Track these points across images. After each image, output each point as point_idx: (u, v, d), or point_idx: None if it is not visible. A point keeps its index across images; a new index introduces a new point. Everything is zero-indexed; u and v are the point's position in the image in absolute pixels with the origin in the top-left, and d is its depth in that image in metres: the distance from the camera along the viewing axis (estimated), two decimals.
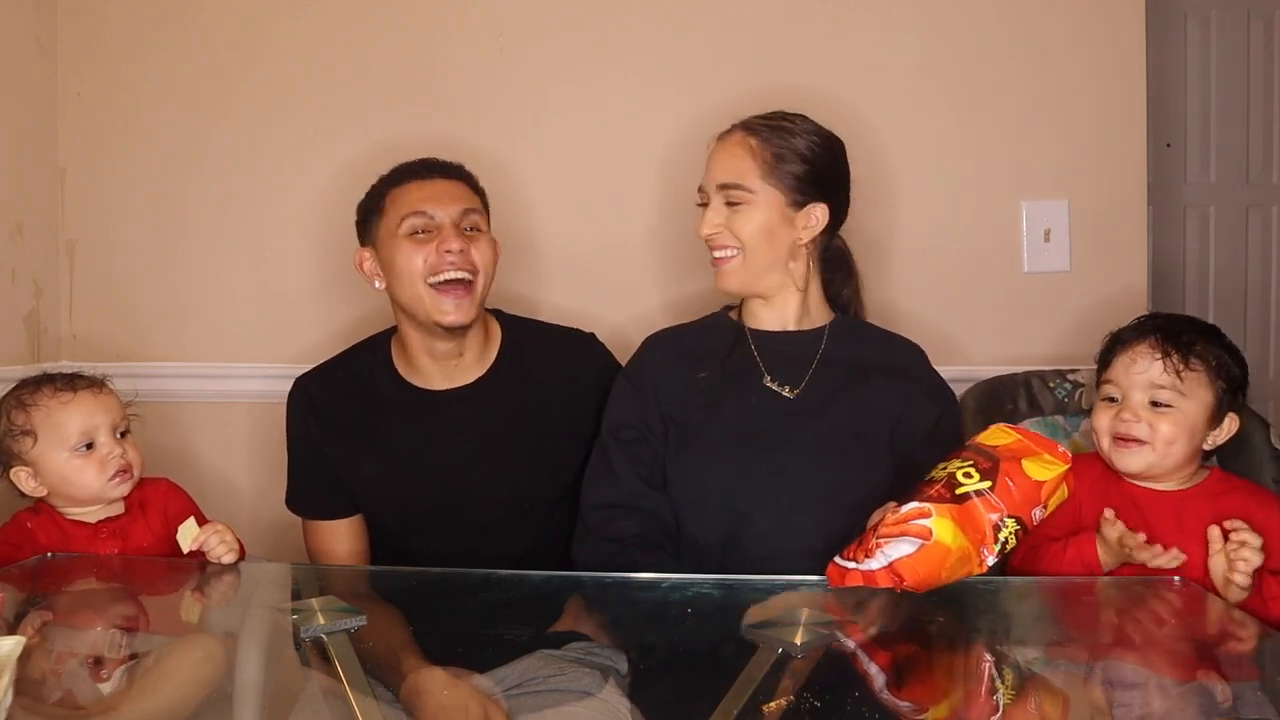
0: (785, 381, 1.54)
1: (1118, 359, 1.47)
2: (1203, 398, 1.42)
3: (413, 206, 1.58)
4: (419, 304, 1.57)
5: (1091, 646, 1.23)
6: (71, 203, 2.09)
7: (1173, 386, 1.41)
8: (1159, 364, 1.42)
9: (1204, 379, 1.42)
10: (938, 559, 1.20)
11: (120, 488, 1.50)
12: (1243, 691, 1.10)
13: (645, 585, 1.40)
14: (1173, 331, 1.45)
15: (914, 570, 1.20)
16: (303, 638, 1.18)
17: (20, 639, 0.98)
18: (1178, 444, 1.42)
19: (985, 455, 1.26)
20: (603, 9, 2.05)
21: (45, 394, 1.49)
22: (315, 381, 1.69)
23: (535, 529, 1.66)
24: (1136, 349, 1.45)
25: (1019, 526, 1.22)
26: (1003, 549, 1.22)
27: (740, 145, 1.54)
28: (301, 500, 1.71)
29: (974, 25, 2.03)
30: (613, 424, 1.59)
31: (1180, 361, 1.41)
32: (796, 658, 1.13)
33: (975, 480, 1.23)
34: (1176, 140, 3.09)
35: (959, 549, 1.20)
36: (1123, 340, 1.48)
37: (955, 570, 1.21)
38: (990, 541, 1.21)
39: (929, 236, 2.04)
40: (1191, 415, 1.42)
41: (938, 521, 1.20)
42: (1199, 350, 1.43)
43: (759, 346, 1.57)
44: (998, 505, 1.21)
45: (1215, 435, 1.44)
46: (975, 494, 1.22)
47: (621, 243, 2.06)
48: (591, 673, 1.16)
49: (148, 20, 2.06)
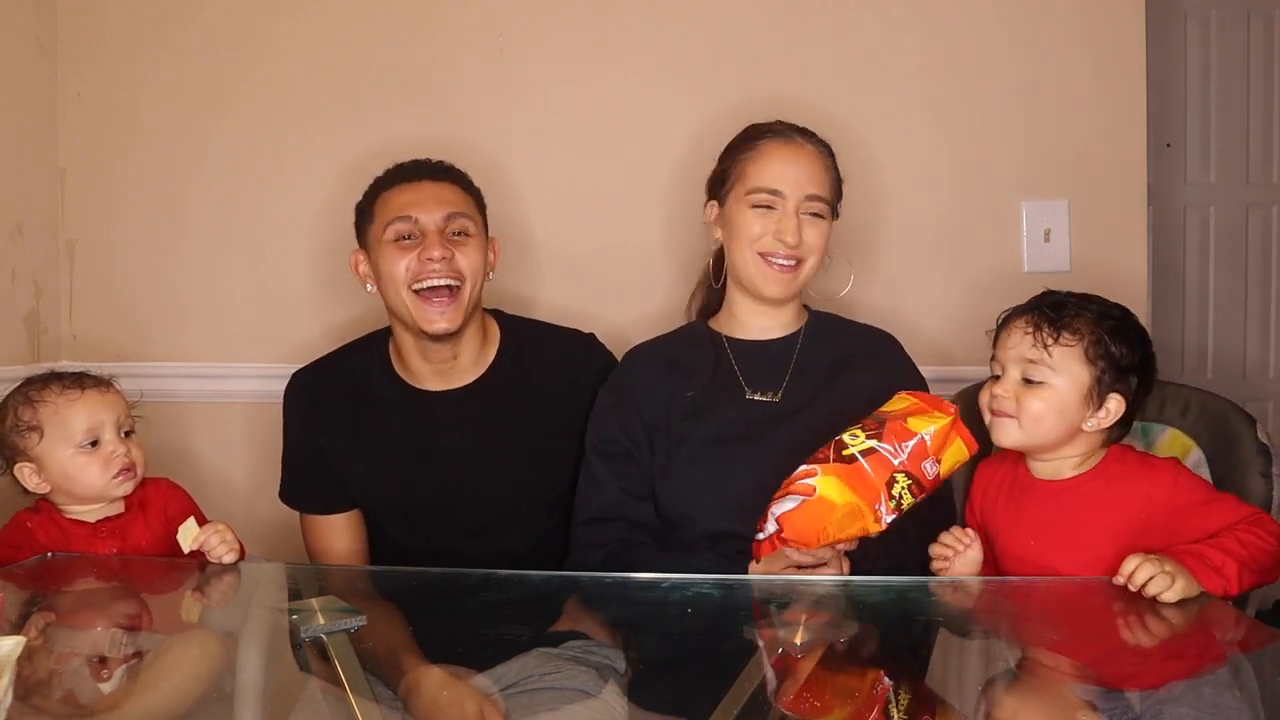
0: (766, 389, 1.56)
1: (1000, 333, 1.45)
2: (1074, 374, 1.38)
3: (397, 211, 1.57)
4: (405, 310, 1.57)
5: (1090, 647, 1.23)
6: (71, 203, 2.09)
7: (1041, 361, 1.38)
8: (1029, 338, 1.39)
9: (1076, 354, 1.38)
10: (821, 513, 1.27)
11: (123, 486, 1.50)
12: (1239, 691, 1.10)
13: (645, 585, 1.40)
14: (1052, 306, 1.40)
15: (794, 524, 1.28)
16: (303, 638, 1.18)
17: (20, 639, 0.97)
18: (1045, 421, 1.38)
19: (874, 419, 1.33)
20: (602, 9, 2.05)
21: (53, 390, 1.50)
22: (312, 375, 1.70)
23: (535, 529, 1.66)
24: (1014, 323, 1.43)
25: (910, 481, 1.28)
26: (899, 505, 1.28)
27: (819, 159, 1.57)
28: (296, 494, 1.72)
29: (973, 25, 2.03)
30: (595, 438, 1.60)
31: (1050, 335, 1.38)
32: (796, 658, 1.14)
33: (861, 440, 1.29)
34: (1176, 140, 3.09)
35: (846, 504, 1.26)
36: (1009, 315, 1.45)
37: (844, 525, 1.28)
38: (886, 498, 1.27)
39: (929, 236, 2.04)
40: (1062, 391, 1.38)
41: (822, 480, 1.27)
42: (1074, 326, 1.38)
43: (738, 356, 1.59)
44: (885, 462, 1.27)
45: (1099, 418, 1.39)
46: (861, 454, 1.27)
47: (622, 243, 2.06)
48: (589, 671, 1.16)
49: (148, 20, 2.07)
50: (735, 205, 1.56)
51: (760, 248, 1.53)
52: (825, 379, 1.56)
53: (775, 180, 1.53)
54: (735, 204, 1.56)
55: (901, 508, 1.27)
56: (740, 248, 1.55)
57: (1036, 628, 1.34)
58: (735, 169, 1.57)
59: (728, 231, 1.58)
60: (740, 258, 1.56)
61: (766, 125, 1.59)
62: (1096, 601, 1.35)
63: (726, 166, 1.59)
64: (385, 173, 1.65)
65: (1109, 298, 1.47)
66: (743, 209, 1.54)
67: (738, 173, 1.56)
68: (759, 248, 1.53)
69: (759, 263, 1.54)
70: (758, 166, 1.54)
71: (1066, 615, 1.36)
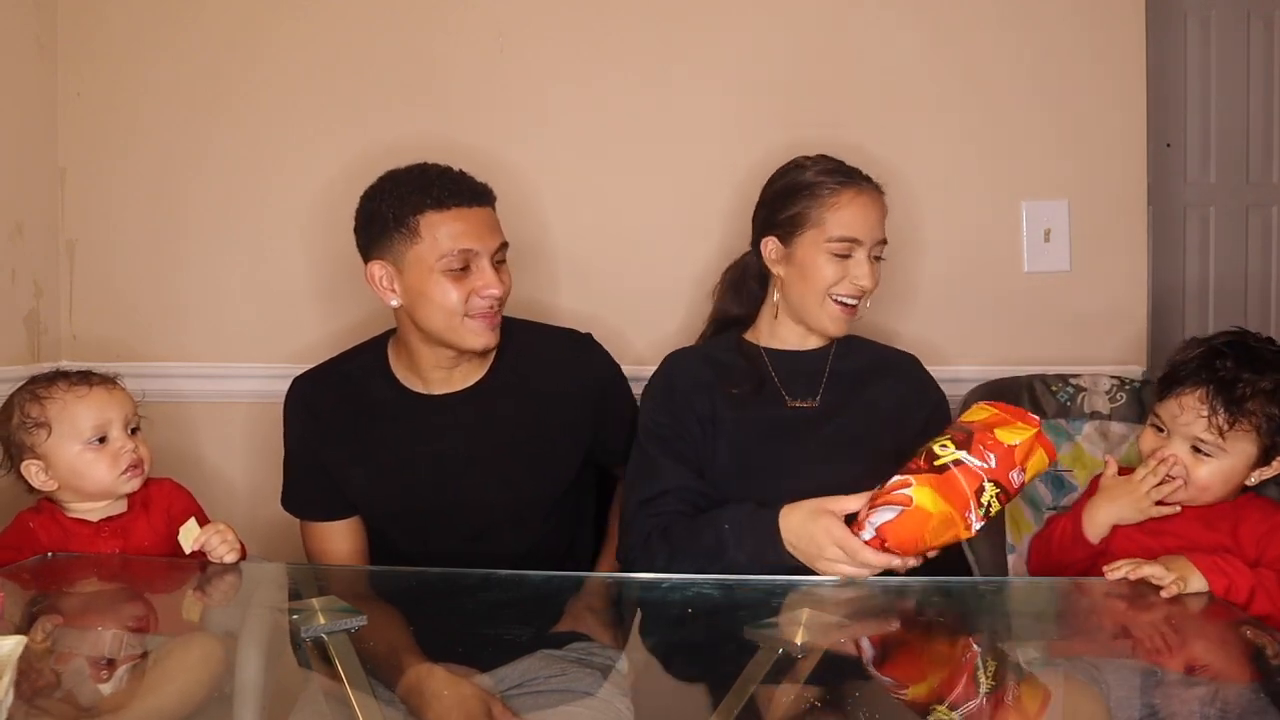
0: (805, 396, 1.61)
1: (1169, 398, 1.44)
2: (1244, 451, 1.40)
3: (455, 243, 1.52)
4: (451, 334, 1.56)
5: (1091, 647, 1.23)
6: (71, 203, 2.09)
7: (1215, 442, 1.39)
8: (1204, 420, 1.39)
9: (1250, 435, 1.39)
10: (918, 522, 1.29)
11: (131, 483, 1.51)
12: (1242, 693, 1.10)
13: (645, 585, 1.40)
14: (1227, 385, 1.39)
15: (895, 533, 1.31)
16: (303, 638, 1.18)
17: (21, 639, 0.98)
18: (1213, 489, 1.41)
19: (961, 429, 1.35)
20: (603, 9, 2.05)
21: (60, 388, 1.50)
22: (311, 382, 1.69)
23: (533, 533, 1.66)
24: (1185, 398, 1.41)
25: (999, 489, 1.30)
26: (987, 512, 1.30)
27: (883, 204, 1.61)
28: (296, 501, 1.71)
29: (974, 25, 2.03)
30: (647, 424, 1.62)
31: (1226, 421, 1.38)
32: (797, 658, 1.14)
33: (952, 451, 1.32)
34: (1176, 140, 3.09)
35: (940, 513, 1.29)
36: (1178, 380, 1.44)
37: (939, 533, 1.31)
38: (975, 505, 1.29)
39: (929, 236, 2.04)
40: (1229, 466, 1.40)
41: (918, 490, 1.30)
42: (1248, 409, 1.38)
43: (775, 367, 1.64)
44: (976, 471, 1.30)
45: (1261, 473, 1.42)
46: (953, 464, 1.31)
47: (622, 242, 2.06)
48: (592, 673, 1.16)
49: (148, 20, 2.07)
50: (810, 249, 1.59)
51: (836, 293, 1.58)
52: (856, 387, 1.62)
53: (856, 231, 1.57)
54: (810, 248, 1.59)
55: (990, 515, 1.30)
56: (811, 290, 1.59)
57: (1037, 627, 1.34)
58: (811, 215, 1.59)
59: (794, 271, 1.61)
60: (809, 299, 1.60)
61: (836, 168, 1.61)
62: (1099, 601, 1.36)
63: (799, 211, 1.60)
64: (420, 184, 1.55)
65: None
66: (818, 254, 1.58)
67: (815, 219, 1.58)
68: (835, 293, 1.58)
69: (829, 304, 1.59)
70: (838, 216, 1.57)
71: (1066, 616, 1.36)
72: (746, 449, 1.57)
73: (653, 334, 2.02)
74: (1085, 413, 1.74)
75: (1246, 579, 1.32)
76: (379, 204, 1.56)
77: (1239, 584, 1.31)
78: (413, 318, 1.58)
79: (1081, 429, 1.73)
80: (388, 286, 1.57)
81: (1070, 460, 1.73)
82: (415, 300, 1.55)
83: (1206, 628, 1.28)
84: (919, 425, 1.56)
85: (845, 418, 1.58)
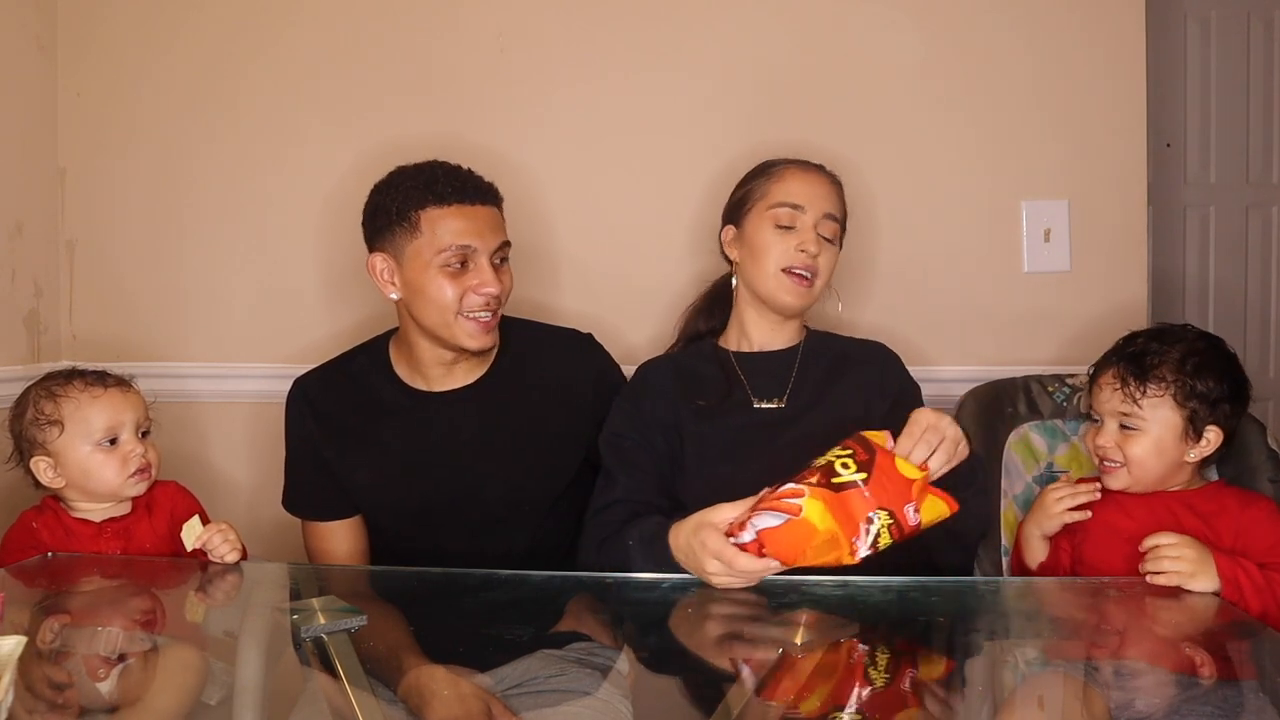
0: (772, 397, 1.61)
1: (1092, 387, 1.54)
2: (1167, 419, 1.46)
3: (454, 239, 1.52)
4: (445, 330, 1.56)
5: (1089, 647, 1.23)
6: (71, 203, 2.09)
7: (1133, 413, 1.46)
8: (1118, 393, 1.48)
9: (1165, 402, 1.46)
10: (803, 536, 1.24)
11: (138, 486, 1.51)
12: (1241, 692, 1.10)
13: (645, 585, 1.40)
14: (1136, 357, 1.48)
15: (776, 541, 1.25)
16: (303, 638, 1.18)
17: (21, 639, 0.97)
18: (1148, 463, 1.47)
19: (866, 448, 1.29)
20: (603, 9, 2.05)
21: (76, 387, 1.51)
22: (313, 382, 1.69)
23: (535, 529, 1.66)
24: (1103, 378, 1.51)
25: (891, 520, 1.25)
26: (875, 542, 1.25)
27: (835, 186, 1.64)
28: (297, 501, 1.71)
29: (974, 25, 2.03)
30: (607, 434, 1.62)
31: (1137, 389, 1.46)
32: (797, 658, 1.14)
33: (851, 471, 1.26)
34: (1176, 140, 3.08)
35: (826, 531, 1.23)
36: (1098, 367, 1.54)
37: (822, 552, 1.25)
38: (862, 534, 1.24)
39: (929, 236, 2.04)
40: (1157, 435, 1.46)
41: (809, 502, 1.24)
42: (1158, 375, 1.46)
43: (743, 368, 1.64)
44: (870, 499, 1.25)
45: (1199, 449, 1.47)
46: (849, 485, 1.25)
47: (622, 243, 2.06)
48: (592, 673, 1.16)
49: (147, 20, 2.07)
50: (756, 223, 1.61)
51: (782, 263, 1.58)
52: (825, 383, 1.61)
53: (797, 196, 1.59)
54: (756, 221, 1.61)
55: (878, 546, 1.25)
56: (761, 265, 1.60)
57: (1037, 627, 1.35)
58: (756, 190, 1.63)
59: (746, 251, 1.63)
60: (760, 274, 1.60)
61: (784, 158, 1.66)
62: (1099, 602, 1.36)
63: (746, 190, 1.65)
64: (425, 180, 1.56)
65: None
66: (764, 226, 1.60)
67: (759, 193, 1.62)
68: (781, 263, 1.58)
69: (779, 277, 1.59)
70: (780, 185, 1.61)
71: (1068, 616, 1.36)
72: (710, 459, 1.57)
73: (653, 334, 2.02)
74: (1081, 414, 1.73)
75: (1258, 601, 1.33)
76: (384, 196, 1.58)
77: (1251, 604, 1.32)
78: (410, 312, 1.59)
79: (1077, 430, 1.73)
80: (388, 279, 1.58)
81: (1066, 461, 1.73)
82: (413, 295, 1.56)
83: (1206, 627, 1.28)
84: (884, 410, 1.56)
85: (811, 418, 1.57)
